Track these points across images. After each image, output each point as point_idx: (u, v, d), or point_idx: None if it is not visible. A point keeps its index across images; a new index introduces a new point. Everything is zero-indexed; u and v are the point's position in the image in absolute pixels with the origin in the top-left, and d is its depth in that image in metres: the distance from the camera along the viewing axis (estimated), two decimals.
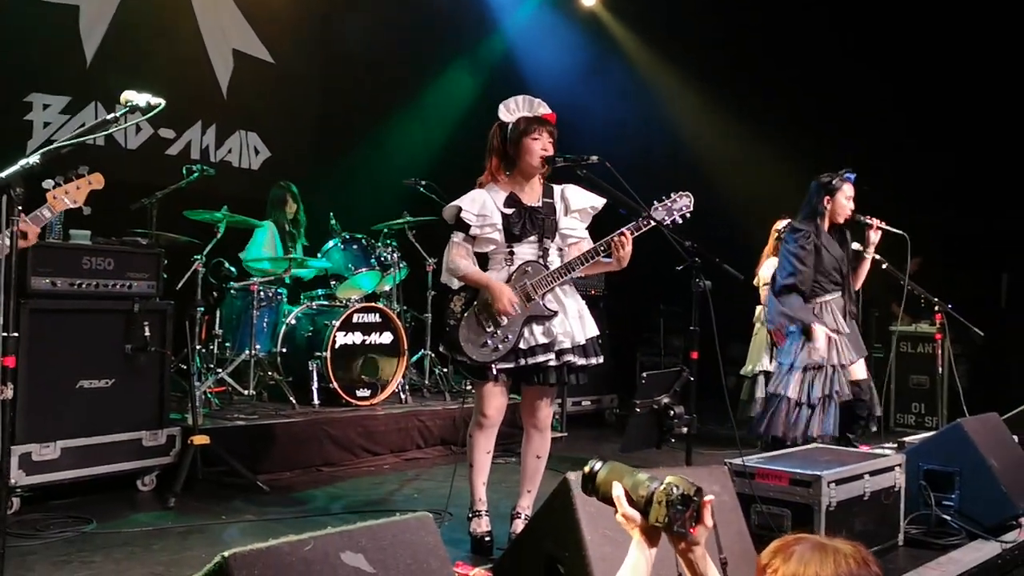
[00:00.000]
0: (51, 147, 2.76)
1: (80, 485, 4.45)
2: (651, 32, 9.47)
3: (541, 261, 3.78)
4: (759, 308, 6.54)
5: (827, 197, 4.89)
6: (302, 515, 4.47)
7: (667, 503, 1.73)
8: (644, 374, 4.26)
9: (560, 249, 3.86)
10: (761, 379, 6.49)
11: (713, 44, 8.74)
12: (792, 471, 3.64)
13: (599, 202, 3.90)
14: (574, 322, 3.81)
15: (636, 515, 1.81)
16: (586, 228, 3.93)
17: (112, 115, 2.87)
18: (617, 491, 1.84)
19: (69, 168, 3.29)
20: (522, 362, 3.72)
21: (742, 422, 6.18)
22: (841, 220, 4.93)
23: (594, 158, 3.75)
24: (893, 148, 7.98)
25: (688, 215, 3.74)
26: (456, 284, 3.84)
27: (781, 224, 6.34)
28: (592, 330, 3.88)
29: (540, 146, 3.73)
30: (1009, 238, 7.94)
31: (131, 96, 2.88)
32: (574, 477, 2.73)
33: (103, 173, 3.35)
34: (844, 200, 4.90)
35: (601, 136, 7.86)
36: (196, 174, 5.58)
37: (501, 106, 3.84)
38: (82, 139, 2.77)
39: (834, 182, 4.89)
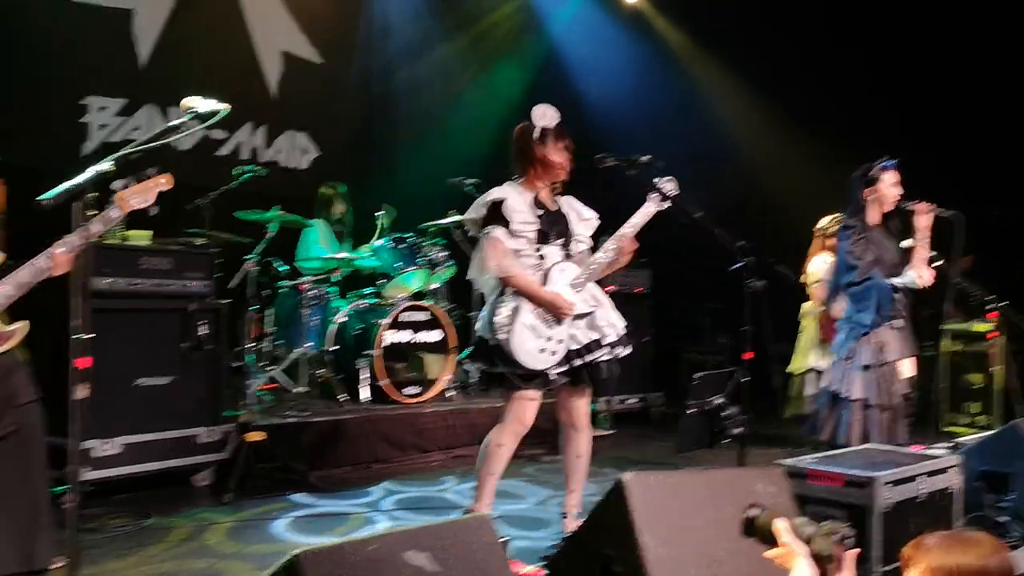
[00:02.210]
0: (122, 152, 2.82)
1: (139, 480, 4.55)
2: (695, 28, 9.40)
3: (569, 262, 3.82)
4: (805, 305, 6.48)
5: (868, 188, 4.78)
6: (355, 511, 4.53)
7: (831, 536, 1.97)
8: (697, 374, 4.26)
9: (570, 253, 3.89)
10: (810, 377, 6.43)
11: (758, 38, 8.65)
12: (846, 472, 3.60)
13: (595, 216, 3.99)
14: (612, 313, 3.88)
15: (801, 544, 1.98)
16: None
17: (177, 121, 2.92)
18: (782, 524, 1.99)
19: (130, 171, 3.36)
20: (576, 362, 3.74)
21: (792, 421, 6.14)
22: (891, 207, 4.80)
23: (644, 158, 3.75)
24: (943, 141, 7.84)
25: (674, 196, 3.79)
26: (487, 284, 3.79)
27: (823, 222, 6.28)
28: (622, 320, 3.93)
29: (565, 158, 3.80)
30: None
31: (193, 102, 2.93)
32: (629, 478, 2.74)
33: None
34: (889, 188, 4.76)
35: (646, 134, 7.84)
36: (248, 174, 5.66)
37: (535, 110, 3.84)
38: (152, 144, 2.83)
39: (872, 172, 4.78)
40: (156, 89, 7.02)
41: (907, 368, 4.92)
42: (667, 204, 3.80)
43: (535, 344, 3.66)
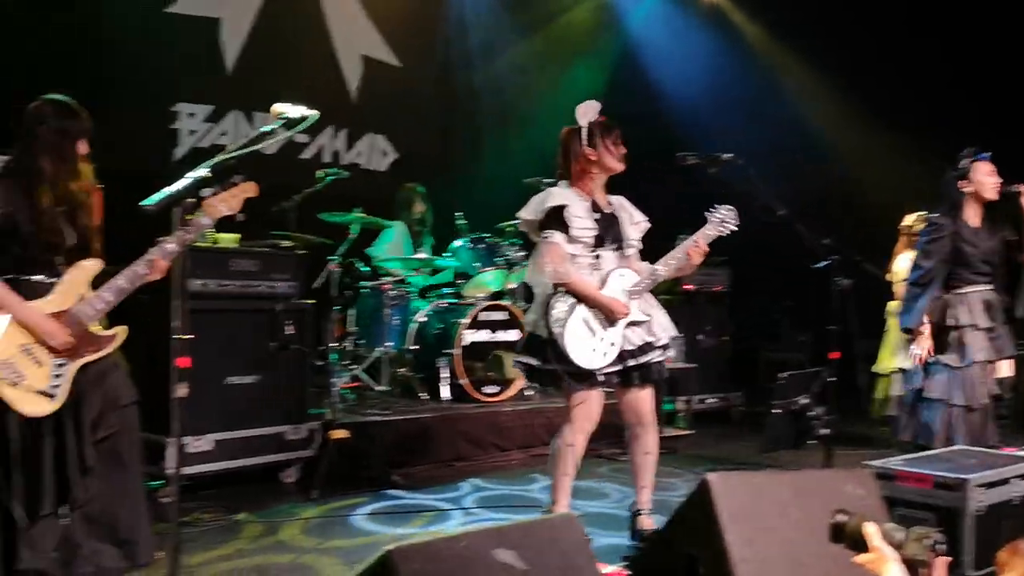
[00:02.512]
0: (218, 159, 2.92)
1: (228, 476, 4.68)
2: (773, 20, 9.26)
3: (626, 266, 3.83)
4: (891, 304, 6.34)
5: (962, 181, 4.62)
6: (436, 508, 4.59)
7: (923, 541, 1.97)
8: (783, 374, 4.20)
9: (624, 257, 3.89)
10: (897, 377, 6.29)
11: (836, 30, 8.48)
12: (936, 474, 3.52)
13: (645, 219, 3.99)
14: (664, 318, 3.90)
15: (892, 550, 1.98)
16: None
17: (268, 127, 3.00)
18: (874, 528, 1.98)
19: (223, 176, 3.47)
20: (631, 362, 3.75)
21: (878, 421, 6.01)
22: (991, 197, 4.62)
23: (727, 156, 3.72)
24: None
25: (735, 229, 3.80)
26: (545, 288, 3.78)
27: (909, 219, 6.15)
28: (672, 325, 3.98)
29: (619, 150, 3.80)
30: None
31: (284, 108, 3.01)
32: (714, 478, 2.73)
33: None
34: (985, 177, 4.59)
35: (725, 129, 7.75)
36: (331, 177, 5.78)
37: (579, 109, 3.86)
38: (245, 150, 2.92)
39: (962, 164, 4.62)
40: (241, 95, 7.23)
41: (1004, 369, 4.77)
42: (725, 232, 3.81)
43: (588, 343, 3.67)
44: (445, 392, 6.08)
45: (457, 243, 6.57)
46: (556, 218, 3.72)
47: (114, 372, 3.44)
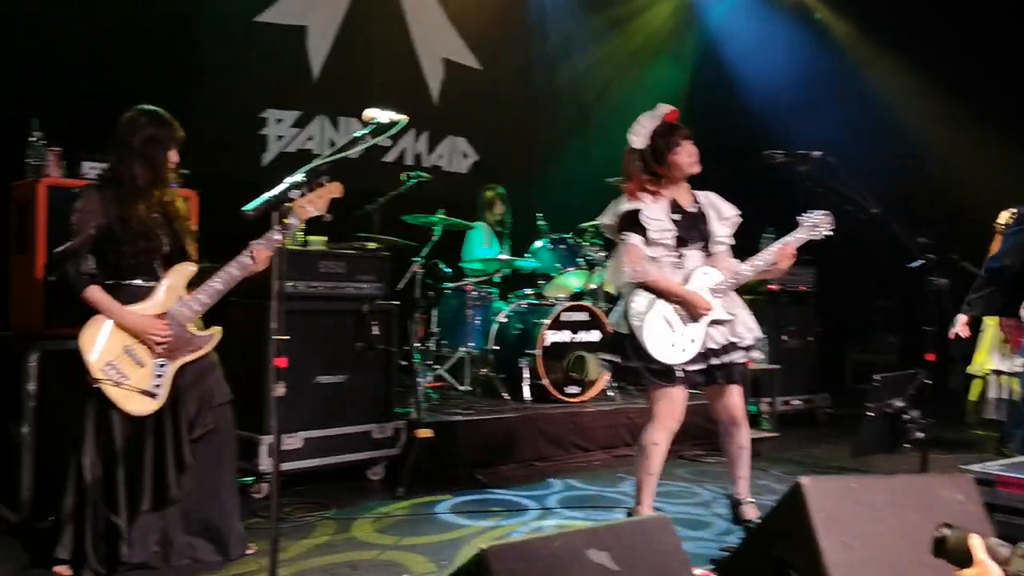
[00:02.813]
0: (313, 164, 3.00)
1: (318, 473, 4.77)
2: (859, 14, 9.05)
3: (710, 265, 3.79)
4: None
5: None
6: (520, 508, 4.62)
7: None
8: (877, 376, 4.10)
9: (710, 254, 3.84)
10: (992, 379, 6.09)
11: (923, 22, 8.24)
12: None
13: (737, 213, 3.92)
14: (749, 318, 3.86)
15: (996, 566, 1.91)
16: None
17: (360, 132, 3.06)
18: (978, 541, 1.92)
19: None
20: (714, 361, 3.72)
21: (973, 424, 5.83)
22: None
23: (816, 154, 3.66)
24: None
25: (830, 234, 3.76)
26: (626, 287, 3.78)
27: (1003, 217, 5.95)
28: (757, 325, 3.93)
29: (687, 153, 3.75)
30: None
31: (374, 113, 3.07)
32: (807, 482, 2.69)
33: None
34: None
35: (813, 128, 7.60)
36: (414, 180, 5.85)
37: (630, 134, 3.84)
38: (340, 155, 2.99)
39: None
40: (327, 100, 7.39)
41: None
42: (817, 237, 3.77)
43: (667, 339, 3.65)
44: (527, 392, 6.11)
45: (538, 244, 6.60)
46: (632, 221, 3.72)
47: (211, 372, 3.56)
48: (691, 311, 3.67)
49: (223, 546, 3.59)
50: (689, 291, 3.69)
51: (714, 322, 3.73)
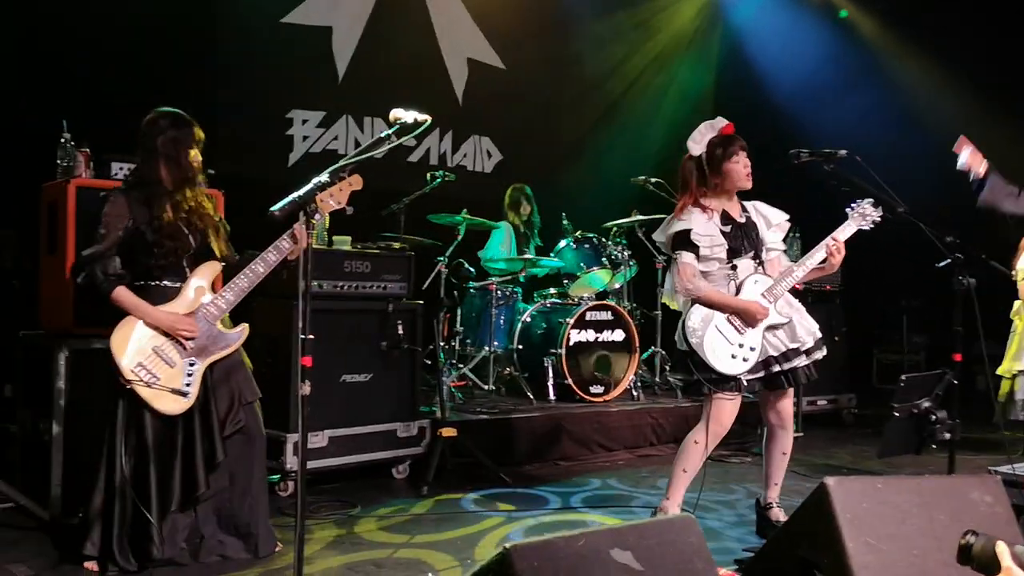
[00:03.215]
0: (338, 165, 3.02)
1: (343, 472, 4.81)
2: (885, 10, 8.96)
3: (762, 272, 3.84)
4: (1017, 303, 6.06)
5: None
6: (545, 507, 4.62)
7: None
8: (904, 376, 4.08)
9: (763, 262, 3.89)
10: (1021, 380, 6.01)
11: (950, 19, 8.15)
12: None
13: (786, 217, 3.99)
14: (809, 321, 3.90)
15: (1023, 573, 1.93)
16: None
17: (385, 132, 3.07)
18: (1004, 548, 1.94)
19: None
20: (774, 368, 3.77)
21: (1002, 426, 5.76)
22: None
23: (843, 152, 3.65)
24: None
25: (879, 221, 3.80)
26: (679, 304, 3.85)
27: None
28: (816, 325, 3.96)
29: (743, 165, 3.79)
30: None
31: (400, 114, 3.08)
32: (832, 482, 2.68)
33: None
34: None
35: (840, 126, 7.56)
36: (439, 179, 5.87)
37: (689, 141, 3.87)
38: (366, 155, 3.01)
39: None
40: (352, 101, 7.44)
41: None
42: (869, 226, 3.82)
43: (727, 350, 3.70)
44: (551, 392, 6.11)
45: (562, 243, 6.60)
46: (683, 240, 3.79)
47: (239, 369, 3.60)
48: (748, 319, 3.72)
49: (252, 543, 3.62)
50: (742, 300, 3.73)
51: (771, 327, 3.77)
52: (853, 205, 3.83)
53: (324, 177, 2.95)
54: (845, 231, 3.81)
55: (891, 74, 8.96)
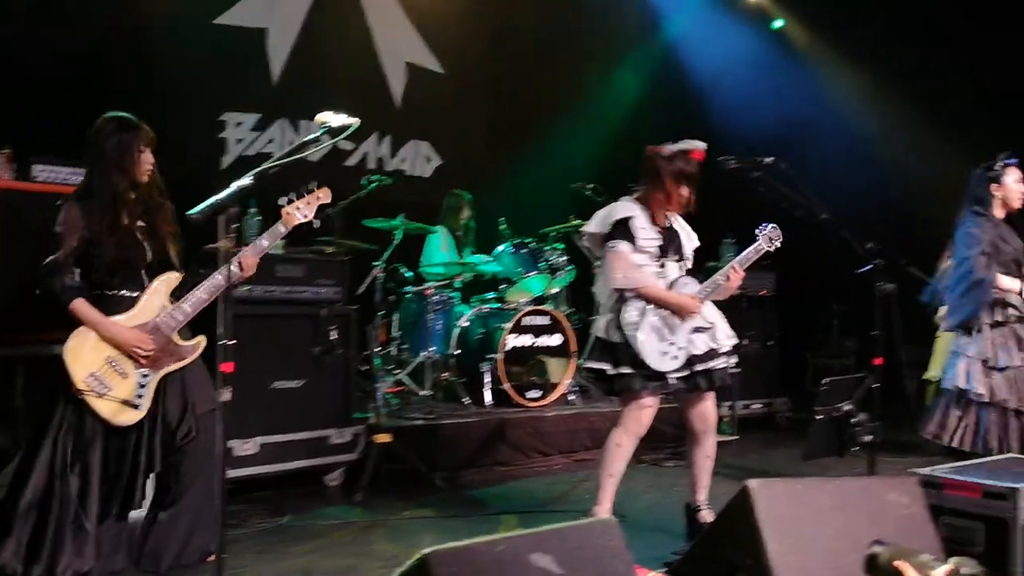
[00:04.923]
0: (262, 167, 2.98)
1: (274, 479, 4.74)
2: (817, 21, 9.16)
3: (688, 276, 3.93)
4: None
5: (993, 184, 4.66)
6: (479, 513, 4.61)
7: (957, 572, 2.02)
8: (825, 380, 4.17)
9: (686, 271, 4.01)
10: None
11: (882, 30, 8.36)
12: (986, 483, 3.45)
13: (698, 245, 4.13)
14: (727, 326, 4.00)
15: None
16: None
17: (312, 135, 3.05)
18: (904, 564, 2.06)
19: (294, 185, 3.53)
20: (697, 367, 3.83)
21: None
22: (1017, 206, 4.69)
23: (768, 160, 3.72)
24: None
25: (779, 245, 3.99)
26: (614, 295, 3.87)
27: None
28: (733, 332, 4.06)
29: (689, 191, 3.88)
30: None
31: (326, 117, 3.06)
32: (755, 485, 2.71)
33: (289, 187, 3.58)
34: (1014, 184, 4.67)
35: (770, 133, 7.68)
36: (375, 183, 5.82)
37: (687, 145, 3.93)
38: (289, 159, 2.97)
39: (996, 167, 4.65)
40: (287, 104, 7.35)
41: None
42: (772, 248, 3.98)
43: (659, 346, 3.77)
44: (488, 397, 6.10)
45: (500, 248, 6.60)
46: (622, 229, 3.83)
47: (195, 380, 3.52)
48: (682, 315, 3.79)
49: (206, 552, 3.54)
50: (681, 296, 3.82)
51: (696, 329, 3.84)
52: (761, 227, 3.97)
53: (247, 180, 2.90)
54: (756, 251, 3.96)
55: (823, 82, 9.15)
